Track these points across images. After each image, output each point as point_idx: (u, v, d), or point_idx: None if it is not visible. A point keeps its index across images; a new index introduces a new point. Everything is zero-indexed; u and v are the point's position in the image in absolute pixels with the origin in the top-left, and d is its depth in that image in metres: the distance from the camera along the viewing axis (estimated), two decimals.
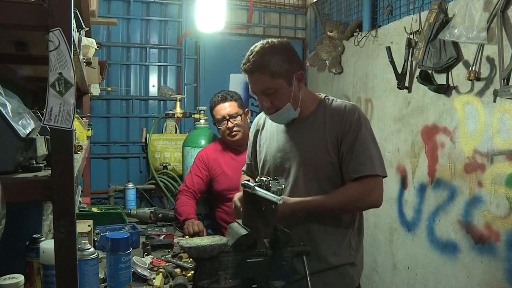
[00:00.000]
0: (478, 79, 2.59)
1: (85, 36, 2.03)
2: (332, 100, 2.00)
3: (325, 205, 1.85)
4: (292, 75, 1.88)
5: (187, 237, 2.61)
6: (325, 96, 2.03)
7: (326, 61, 4.16)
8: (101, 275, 1.92)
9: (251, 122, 2.32)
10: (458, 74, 2.75)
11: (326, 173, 1.92)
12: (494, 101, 2.49)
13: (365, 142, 1.87)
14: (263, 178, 1.63)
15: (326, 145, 1.90)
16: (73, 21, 1.08)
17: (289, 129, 2.01)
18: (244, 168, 2.36)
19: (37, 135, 1.19)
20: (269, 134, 2.10)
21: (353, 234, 2.00)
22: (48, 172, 1.06)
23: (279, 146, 2.01)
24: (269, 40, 1.93)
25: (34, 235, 1.63)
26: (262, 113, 2.14)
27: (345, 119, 1.89)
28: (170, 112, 3.98)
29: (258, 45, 1.91)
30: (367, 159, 1.85)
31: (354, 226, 2.00)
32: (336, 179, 1.93)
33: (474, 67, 2.60)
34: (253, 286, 1.74)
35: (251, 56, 1.87)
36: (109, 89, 4.17)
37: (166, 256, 2.34)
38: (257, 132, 2.20)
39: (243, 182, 1.68)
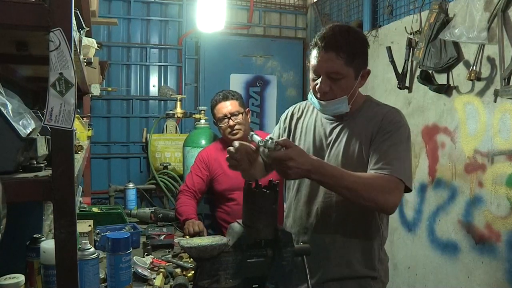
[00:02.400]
0: (479, 79, 2.59)
1: (86, 36, 2.02)
2: (376, 102, 1.88)
3: (342, 177, 1.62)
4: (361, 69, 1.74)
5: (187, 237, 2.59)
6: (368, 98, 1.90)
7: None
8: (102, 275, 1.91)
9: (252, 121, 2.33)
10: (459, 74, 2.75)
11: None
12: (495, 101, 2.49)
13: (399, 146, 1.72)
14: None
15: (362, 149, 1.77)
16: (74, 21, 1.07)
17: (328, 126, 1.87)
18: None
19: (38, 135, 1.18)
20: (307, 126, 1.95)
21: (380, 245, 1.86)
22: (48, 172, 1.05)
23: (316, 141, 1.89)
24: (353, 27, 1.79)
25: (35, 235, 1.62)
26: (302, 103, 2.01)
27: (384, 119, 1.76)
28: (171, 112, 3.97)
29: (340, 25, 1.75)
30: (397, 161, 1.68)
31: (382, 235, 1.86)
32: None
33: (474, 67, 2.60)
34: (253, 286, 1.75)
35: (332, 33, 1.69)
36: (110, 89, 4.17)
37: (167, 256, 2.32)
38: (293, 118, 2.01)
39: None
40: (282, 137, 2.00)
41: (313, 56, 1.73)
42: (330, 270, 1.83)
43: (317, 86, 1.73)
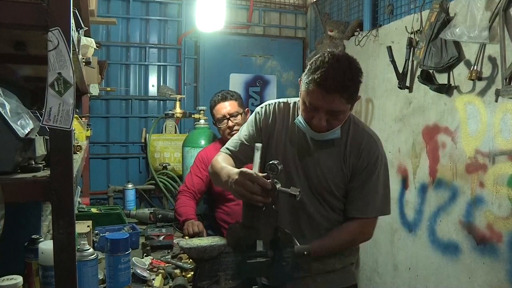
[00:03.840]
0: (480, 78, 2.58)
1: (84, 36, 2.00)
2: (355, 123, 1.90)
3: (330, 249, 1.88)
4: (356, 99, 1.76)
5: (187, 237, 2.59)
6: (348, 116, 1.88)
7: None
8: (101, 276, 1.92)
9: None
10: (460, 73, 2.74)
11: (338, 192, 1.90)
12: (496, 101, 2.48)
13: (376, 183, 1.86)
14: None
15: (341, 165, 1.87)
16: (72, 21, 1.07)
17: (311, 140, 1.87)
18: (232, 146, 1.99)
19: (36, 135, 1.18)
20: (288, 136, 1.92)
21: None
22: (47, 172, 1.05)
23: (298, 157, 1.89)
24: (350, 57, 1.74)
25: (33, 236, 1.61)
26: (275, 103, 1.97)
27: (363, 157, 1.85)
28: (170, 112, 3.97)
29: (343, 61, 1.68)
30: (372, 199, 1.86)
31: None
32: (340, 205, 1.93)
33: (475, 66, 2.58)
34: (253, 287, 1.74)
35: (333, 74, 1.64)
36: (109, 89, 4.15)
37: (166, 257, 2.33)
38: (275, 122, 1.94)
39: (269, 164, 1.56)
40: (262, 136, 1.95)
41: (310, 91, 1.68)
42: (312, 265, 1.92)
43: (314, 121, 1.73)
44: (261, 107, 1.99)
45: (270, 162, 1.54)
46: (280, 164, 1.54)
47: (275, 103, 1.99)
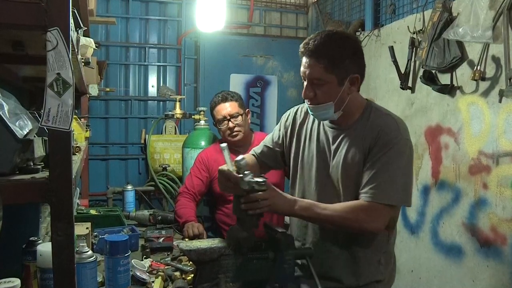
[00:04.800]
0: (483, 79, 2.56)
1: (83, 36, 1.98)
2: (376, 108, 1.83)
3: (319, 216, 1.72)
4: (346, 75, 1.72)
5: (187, 239, 2.54)
6: (369, 104, 1.85)
7: None
8: (100, 279, 1.90)
9: (252, 122, 2.31)
10: (463, 74, 2.72)
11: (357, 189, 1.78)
12: (500, 101, 2.46)
13: (390, 165, 1.69)
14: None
15: (362, 160, 1.75)
16: (71, 21, 1.07)
17: (331, 136, 1.85)
18: (257, 150, 2.11)
19: (35, 136, 1.17)
20: (311, 133, 1.93)
21: (381, 249, 1.85)
22: (46, 173, 1.05)
23: (320, 149, 1.87)
24: (341, 31, 1.81)
25: (31, 238, 1.59)
26: (303, 105, 1.99)
27: (380, 134, 1.72)
28: (170, 112, 3.93)
29: (327, 31, 1.76)
30: (384, 184, 1.68)
31: (381, 240, 1.84)
32: None
33: (479, 66, 2.57)
34: None
35: (315, 39, 1.71)
36: (108, 89, 4.14)
37: (166, 259, 2.30)
38: (296, 123, 2.00)
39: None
40: (284, 138, 2.03)
41: (301, 62, 1.77)
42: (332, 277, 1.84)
43: (303, 91, 1.79)
44: (285, 113, 2.09)
45: (236, 159, 1.65)
46: (243, 159, 1.65)
47: (298, 107, 2.05)
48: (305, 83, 1.77)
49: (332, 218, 1.71)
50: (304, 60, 1.74)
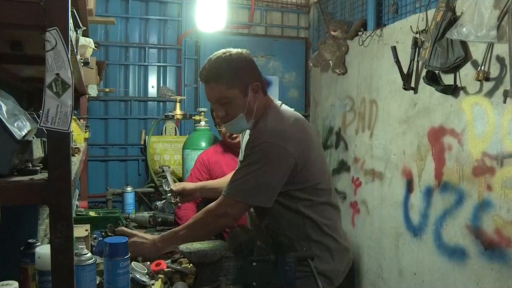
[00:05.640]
0: (487, 79, 2.53)
1: (83, 36, 2.01)
2: (267, 114, 1.99)
3: (182, 239, 1.95)
4: (247, 86, 1.92)
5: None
6: (268, 106, 2.03)
7: (330, 61, 4.10)
8: (99, 281, 1.87)
9: None
10: (466, 74, 2.69)
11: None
12: (504, 102, 2.44)
13: (247, 167, 1.88)
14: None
15: None
16: (70, 20, 1.08)
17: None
18: None
19: (34, 137, 1.17)
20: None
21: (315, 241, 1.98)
22: (44, 175, 1.05)
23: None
24: (227, 50, 1.98)
25: (29, 240, 1.60)
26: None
27: (250, 140, 1.96)
28: (170, 113, 3.92)
29: (216, 54, 1.97)
30: (237, 181, 1.89)
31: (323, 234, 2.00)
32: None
33: (483, 67, 2.54)
34: None
35: (208, 65, 1.94)
36: (107, 90, 4.13)
37: (166, 261, 2.27)
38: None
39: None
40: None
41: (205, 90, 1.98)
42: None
43: (214, 113, 2.04)
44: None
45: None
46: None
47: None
48: (214, 106, 1.99)
49: (190, 232, 1.95)
50: (206, 87, 1.95)
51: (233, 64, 1.91)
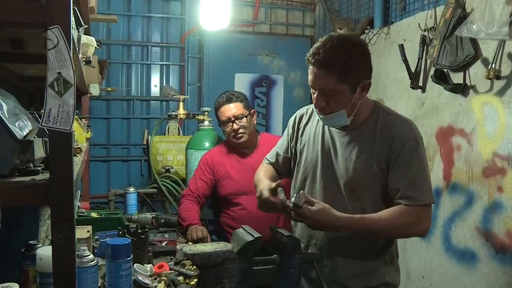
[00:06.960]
0: (498, 77, 2.51)
1: (84, 34, 2.00)
2: (384, 111, 1.86)
3: (371, 225, 1.71)
4: (358, 82, 1.72)
5: (190, 243, 2.55)
6: (376, 104, 1.88)
7: None
8: (100, 283, 1.88)
9: (257, 123, 2.28)
10: (476, 72, 2.67)
11: (371, 191, 1.80)
12: None
13: (422, 165, 1.75)
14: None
15: (372, 162, 1.77)
16: (72, 18, 1.06)
17: (337, 136, 1.88)
18: (272, 159, 2.15)
19: (35, 137, 1.17)
20: (315, 134, 1.95)
21: (388, 254, 1.89)
22: (46, 175, 1.05)
23: (324, 150, 1.89)
24: (349, 37, 1.80)
25: (30, 242, 1.62)
26: (310, 106, 2.01)
27: (395, 139, 1.75)
28: (173, 113, 3.90)
29: (335, 37, 1.73)
30: (424, 185, 1.74)
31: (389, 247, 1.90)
32: (378, 198, 1.80)
33: (494, 65, 2.52)
34: None
35: (323, 48, 1.68)
36: (109, 89, 4.11)
37: (169, 263, 2.29)
38: (301, 124, 2.04)
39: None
40: (291, 144, 2.08)
41: (309, 71, 1.75)
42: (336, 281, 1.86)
43: (314, 101, 1.78)
44: (291, 117, 2.12)
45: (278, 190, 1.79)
46: (282, 191, 1.78)
47: (303, 109, 2.08)
48: (315, 92, 1.76)
49: (384, 228, 1.73)
50: (314, 70, 1.72)
51: (352, 59, 1.69)
